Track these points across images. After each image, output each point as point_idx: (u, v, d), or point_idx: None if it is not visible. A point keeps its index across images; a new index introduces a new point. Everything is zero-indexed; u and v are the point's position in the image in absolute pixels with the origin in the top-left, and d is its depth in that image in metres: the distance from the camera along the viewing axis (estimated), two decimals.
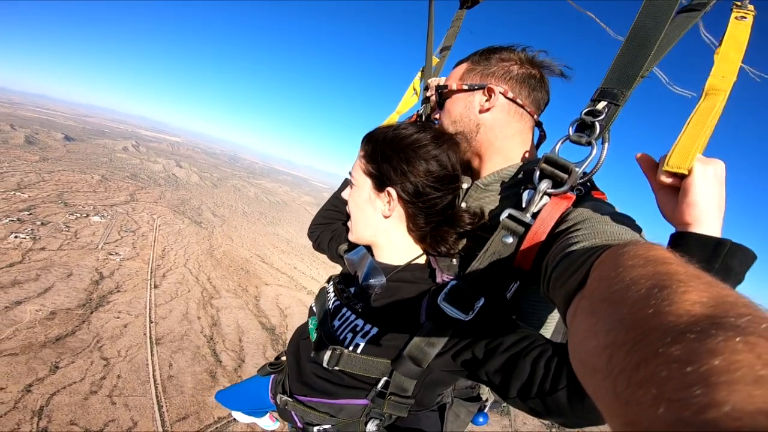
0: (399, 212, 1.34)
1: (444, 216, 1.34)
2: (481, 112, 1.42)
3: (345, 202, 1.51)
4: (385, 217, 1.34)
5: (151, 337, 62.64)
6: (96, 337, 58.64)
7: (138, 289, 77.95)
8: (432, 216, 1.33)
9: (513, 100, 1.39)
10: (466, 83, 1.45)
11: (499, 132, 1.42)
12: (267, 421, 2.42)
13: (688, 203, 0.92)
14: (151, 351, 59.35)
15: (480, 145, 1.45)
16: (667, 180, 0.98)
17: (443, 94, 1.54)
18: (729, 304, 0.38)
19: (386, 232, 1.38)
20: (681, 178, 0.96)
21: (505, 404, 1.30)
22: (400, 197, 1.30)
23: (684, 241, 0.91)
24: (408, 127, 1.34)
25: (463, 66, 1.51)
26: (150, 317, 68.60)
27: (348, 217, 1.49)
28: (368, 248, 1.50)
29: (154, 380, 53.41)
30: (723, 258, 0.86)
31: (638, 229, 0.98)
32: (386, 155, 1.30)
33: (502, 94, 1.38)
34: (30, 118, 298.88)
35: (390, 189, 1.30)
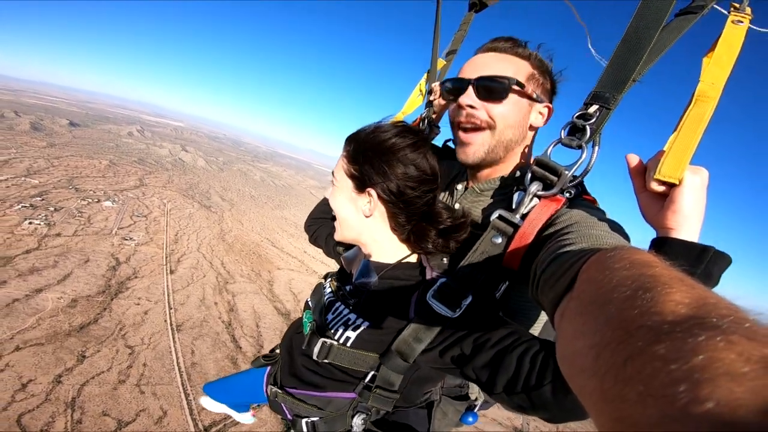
0: (381, 212, 1.34)
1: (423, 214, 1.34)
2: (531, 128, 1.40)
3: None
4: (366, 216, 1.35)
5: (171, 324, 62.22)
6: (119, 324, 58.16)
7: (155, 275, 77.57)
8: (412, 214, 1.33)
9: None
10: (536, 92, 1.36)
11: (524, 145, 1.42)
12: (246, 417, 2.42)
13: (674, 210, 0.94)
14: (173, 338, 58.91)
15: (509, 154, 1.41)
16: (658, 188, 0.98)
17: (508, 88, 1.32)
18: (711, 306, 0.40)
19: (370, 231, 1.39)
20: (670, 186, 0.97)
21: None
22: (380, 197, 1.31)
23: (668, 247, 0.93)
24: (388, 129, 1.34)
25: (528, 67, 1.37)
26: (169, 303, 68.19)
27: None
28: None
29: (179, 368, 52.99)
30: (706, 264, 0.89)
31: (626, 237, 0.99)
32: (367, 157, 1.30)
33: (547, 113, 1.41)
34: (33, 104, 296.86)
35: (370, 189, 1.31)
